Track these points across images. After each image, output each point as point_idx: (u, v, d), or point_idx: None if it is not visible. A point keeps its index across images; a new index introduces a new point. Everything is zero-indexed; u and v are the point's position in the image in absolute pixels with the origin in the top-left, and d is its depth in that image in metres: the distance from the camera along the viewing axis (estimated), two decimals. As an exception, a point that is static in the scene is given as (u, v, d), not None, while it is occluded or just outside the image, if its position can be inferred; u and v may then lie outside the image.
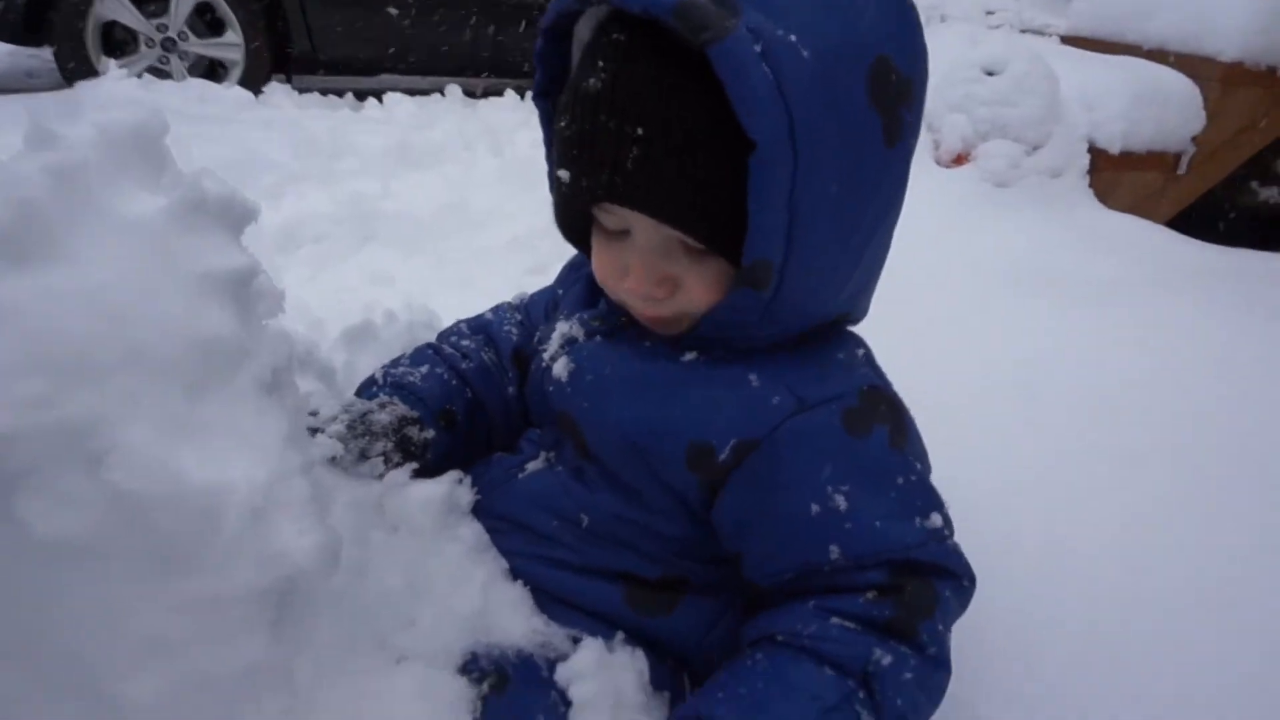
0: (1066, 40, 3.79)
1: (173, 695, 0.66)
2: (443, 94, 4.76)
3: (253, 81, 4.27)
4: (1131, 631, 1.09)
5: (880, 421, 0.81)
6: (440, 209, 2.51)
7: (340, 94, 4.83)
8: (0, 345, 0.58)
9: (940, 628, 0.77)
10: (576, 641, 0.87)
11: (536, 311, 1.12)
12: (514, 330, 1.11)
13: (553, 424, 0.94)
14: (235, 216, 0.73)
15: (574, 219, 0.88)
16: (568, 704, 0.82)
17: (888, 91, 0.73)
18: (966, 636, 0.83)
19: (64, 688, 0.62)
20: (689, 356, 0.84)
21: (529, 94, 5.15)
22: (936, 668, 0.76)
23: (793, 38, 0.67)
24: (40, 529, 0.60)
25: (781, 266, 0.72)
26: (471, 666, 0.82)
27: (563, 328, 0.95)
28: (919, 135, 0.80)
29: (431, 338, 1.30)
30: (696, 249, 0.76)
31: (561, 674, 0.83)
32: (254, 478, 0.66)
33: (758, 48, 0.66)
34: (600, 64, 0.73)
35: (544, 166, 0.85)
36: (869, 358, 0.89)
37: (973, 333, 1.98)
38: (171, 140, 0.74)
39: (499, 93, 4.79)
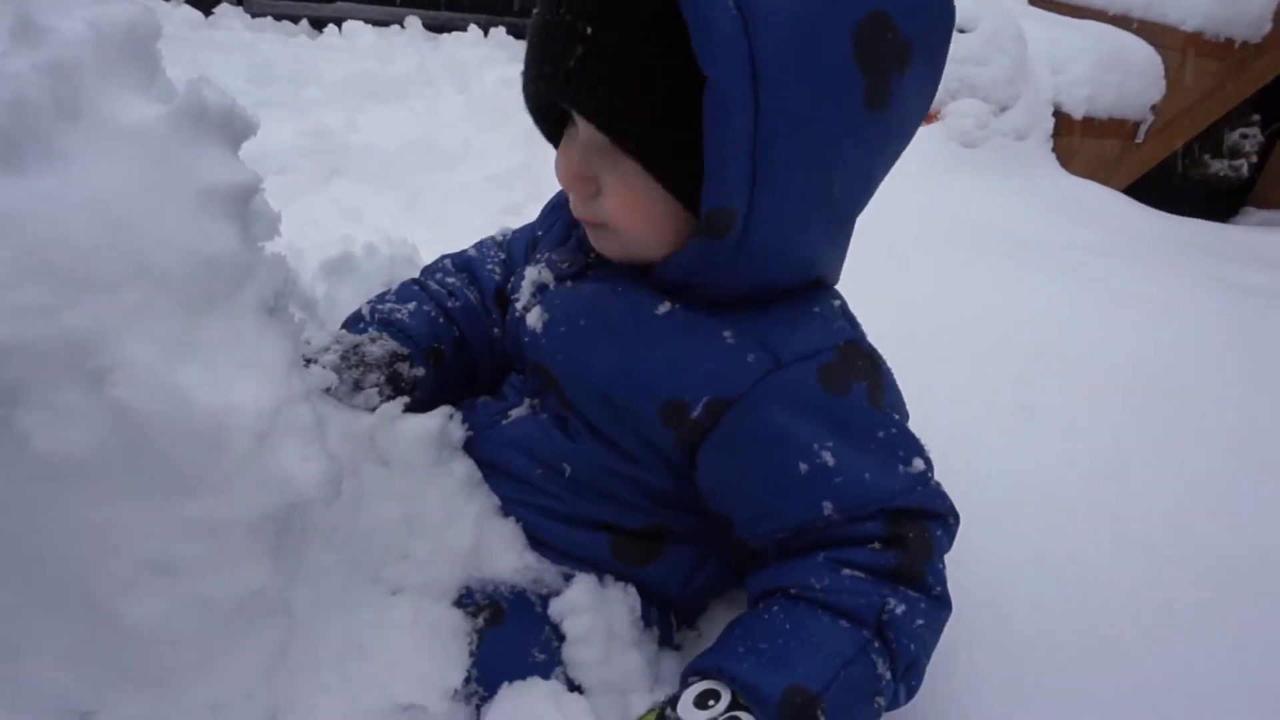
0: (1034, 1, 3.80)
1: (173, 618, 0.65)
2: (402, 25, 4.60)
3: (202, 1, 4.06)
4: (1093, 571, 1.13)
5: (858, 378, 0.80)
6: (408, 144, 2.43)
7: (295, 20, 4.63)
8: (-3, 252, 0.55)
9: (940, 566, 0.79)
10: (568, 578, 0.87)
11: (517, 250, 1.10)
12: (496, 269, 1.09)
13: (533, 370, 0.93)
14: (236, 129, 0.70)
15: (544, 118, 0.84)
16: (561, 638, 0.82)
17: (879, 52, 0.69)
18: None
19: (63, 606, 0.61)
20: (664, 309, 0.81)
21: (493, 30, 4.95)
22: (942, 606, 0.78)
23: None
24: (40, 444, 0.58)
25: (746, 219, 0.71)
26: (466, 600, 0.82)
27: (531, 274, 0.93)
28: (926, 105, 0.77)
29: (413, 272, 1.27)
30: (622, 159, 0.73)
31: (555, 609, 0.84)
32: (260, 401, 0.64)
33: None
34: None
35: (513, 104, 0.84)
36: (845, 309, 0.86)
37: (937, 291, 2.01)
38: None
39: (462, 28, 4.64)
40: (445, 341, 1.01)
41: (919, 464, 0.80)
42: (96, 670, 0.63)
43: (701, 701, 0.71)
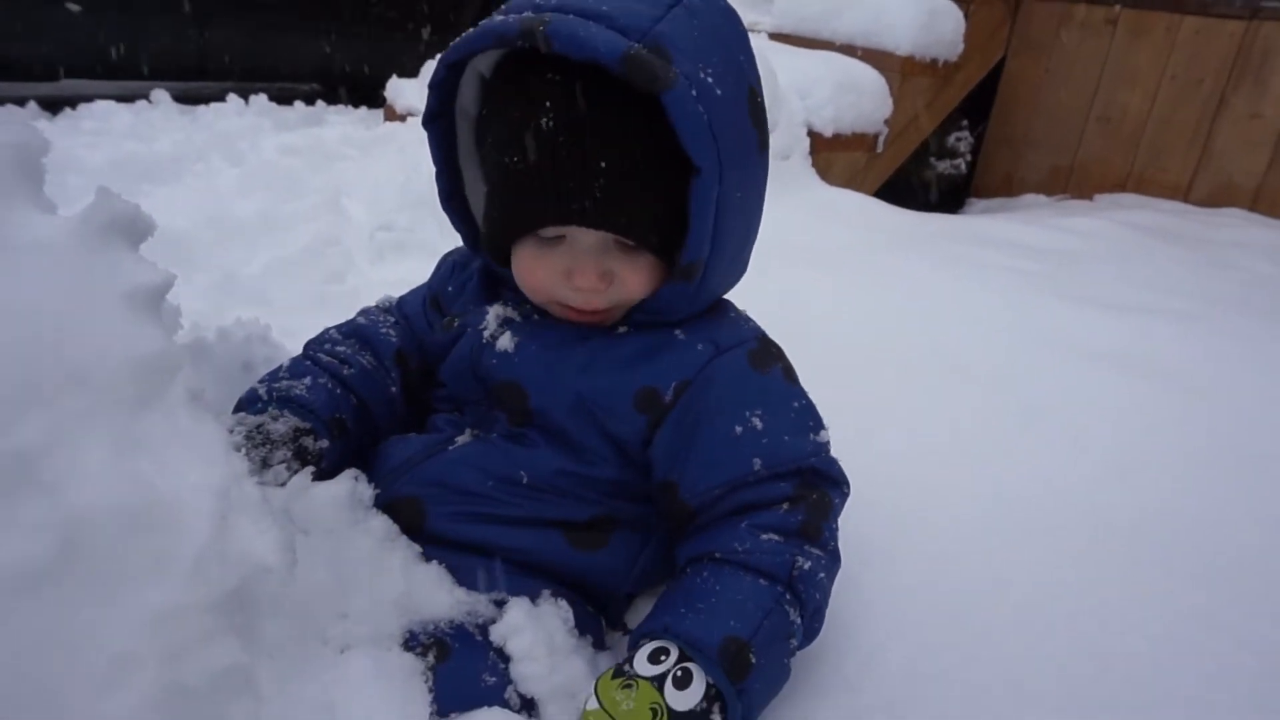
0: (774, 36, 4.24)
1: (146, 711, 0.65)
2: (149, 100, 4.34)
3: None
4: (933, 518, 1.32)
5: (775, 361, 1.01)
6: (200, 224, 2.34)
7: (20, 103, 4.25)
8: (-61, 378, 0.56)
9: (835, 527, 0.96)
10: (500, 604, 0.94)
11: (414, 311, 1.18)
12: (391, 332, 1.15)
13: (479, 402, 1.03)
14: (138, 232, 0.72)
15: (508, 239, 0.97)
16: (507, 659, 0.89)
17: (758, 111, 0.94)
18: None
19: (31, 715, 0.60)
20: (622, 329, 1.00)
21: (254, 97, 4.76)
22: (836, 560, 0.96)
23: (709, 79, 0.84)
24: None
25: (707, 262, 0.92)
26: (412, 643, 0.87)
27: (496, 309, 1.05)
28: None
29: (270, 350, 1.28)
30: (631, 247, 0.93)
31: (496, 633, 0.90)
32: (212, 484, 0.67)
33: (694, 92, 0.82)
34: (547, 104, 0.85)
35: (298, 173, 0.93)
36: (748, 316, 1.09)
37: (753, 300, 2.22)
38: None
39: (220, 98, 4.45)
40: (345, 410, 1.05)
41: (824, 435, 0.99)
42: (83, 778, 0.62)
43: (654, 658, 0.83)
